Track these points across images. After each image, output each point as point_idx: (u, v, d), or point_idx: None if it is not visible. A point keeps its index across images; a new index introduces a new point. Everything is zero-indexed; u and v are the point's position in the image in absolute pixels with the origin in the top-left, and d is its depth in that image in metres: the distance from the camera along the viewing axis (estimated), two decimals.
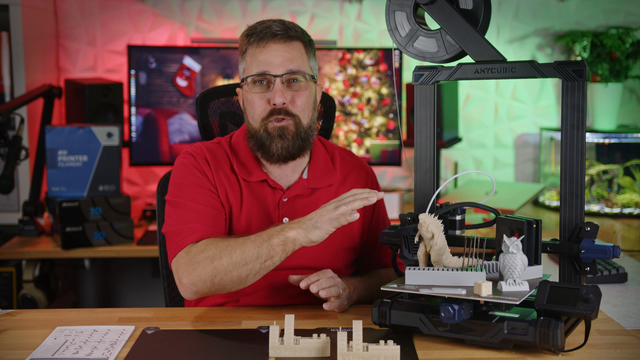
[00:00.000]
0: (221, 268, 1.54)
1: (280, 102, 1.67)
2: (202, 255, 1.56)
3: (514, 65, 1.48)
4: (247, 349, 1.40)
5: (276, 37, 1.69)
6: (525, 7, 3.40)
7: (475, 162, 3.47)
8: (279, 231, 1.53)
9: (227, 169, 1.75)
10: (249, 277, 1.55)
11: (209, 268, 1.55)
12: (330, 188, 1.79)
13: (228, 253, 1.54)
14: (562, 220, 1.47)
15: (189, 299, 1.62)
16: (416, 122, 1.61)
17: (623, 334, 1.48)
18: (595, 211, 3.15)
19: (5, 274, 2.73)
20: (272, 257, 1.53)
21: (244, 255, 1.53)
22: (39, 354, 1.37)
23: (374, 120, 3.15)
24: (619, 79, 3.26)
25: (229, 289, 1.58)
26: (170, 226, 1.67)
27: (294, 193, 1.75)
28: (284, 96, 1.67)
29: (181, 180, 1.72)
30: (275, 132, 1.68)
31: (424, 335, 1.42)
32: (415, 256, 1.52)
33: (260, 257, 1.53)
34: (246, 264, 1.53)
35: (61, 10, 3.28)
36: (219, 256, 1.54)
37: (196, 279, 1.56)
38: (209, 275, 1.55)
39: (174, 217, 1.68)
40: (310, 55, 1.75)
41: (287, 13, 3.33)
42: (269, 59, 1.68)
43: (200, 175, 1.72)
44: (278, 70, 1.68)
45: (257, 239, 1.54)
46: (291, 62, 1.69)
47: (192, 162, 1.73)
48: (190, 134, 3.07)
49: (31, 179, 2.85)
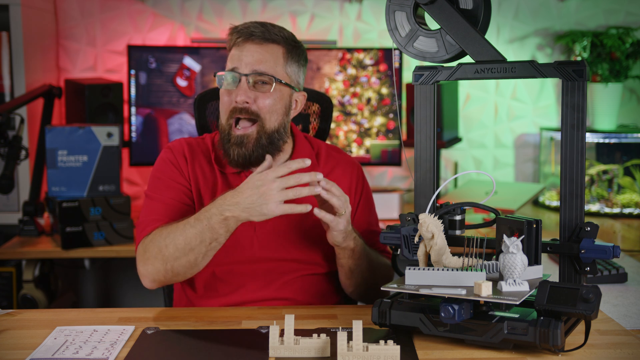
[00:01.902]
0: (169, 256, 1.58)
1: (242, 101, 1.69)
2: (152, 244, 1.61)
3: (514, 65, 1.48)
4: (247, 349, 1.40)
5: (252, 37, 1.71)
6: (525, 7, 3.40)
7: (475, 162, 3.47)
8: (217, 214, 1.53)
9: (204, 162, 1.78)
10: (198, 260, 1.58)
11: (159, 257, 1.59)
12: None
13: (172, 240, 1.57)
14: (562, 220, 1.47)
15: (150, 288, 1.66)
16: (416, 122, 1.61)
17: (623, 334, 1.48)
18: (595, 211, 3.15)
19: (5, 274, 2.73)
20: (216, 239, 1.56)
21: (187, 240, 1.56)
22: (39, 354, 1.37)
23: (374, 120, 3.15)
24: (619, 79, 3.26)
25: (183, 275, 1.62)
26: (139, 218, 1.73)
27: None
28: (246, 95, 1.69)
29: (157, 174, 1.77)
30: (235, 140, 1.71)
31: (424, 335, 1.42)
32: (415, 256, 1.52)
33: (204, 240, 1.55)
34: (192, 249, 1.56)
35: (61, 10, 3.28)
36: (165, 244, 1.58)
37: (151, 268, 1.61)
38: (160, 264, 1.60)
39: (145, 210, 1.73)
40: (290, 61, 1.74)
41: (287, 13, 3.33)
42: (241, 57, 1.71)
43: (174, 170, 1.76)
44: (245, 69, 1.70)
45: (197, 224, 1.55)
46: (260, 64, 1.70)
47: (169, 157, 1.78)
48: (190, 134, 3.07)
49: (31, 179, 2.85)
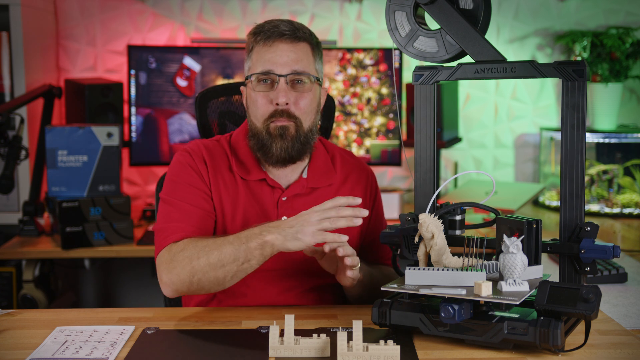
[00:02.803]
0: (199, 268, 1.54)
1: (283, 102, 1.66)
2: (182, 254, 1.56)
3: (514, 65, 1.48)
4: (247, 349, 1.40)
5: (283, 37, 1.67)
6: (525, 7, 3.40)
7: (475, 162, 3.47)
8: (257, 234, 1.51)
9: (224, 168, 1.74)
10: (227, 278, 1.55)
11: (187, 268, 1.55)
12: (330, 187, 1.79)
13: (206, 254, 1.53)
14: (562, 220, 1.47)
15: (170, 296, 1.63)
16: (416, 122, 1.61)
17: (623, 334, 1.48)
18: (595, 211, 3.15)
19: (5, 274, 2.73)
20: (249, 260, 1.52)
21: (221, 257, 1.52)
22: (39, 354, 1.37)
23: (374, 120, 3.15)
24: (619, 79, 3.26)
25: (207, 290, 1.58)
26: (158, 224, 1.68)
27: (294, 192, 1.74)
28: (287, 96, 1.67)
29: (175, 179, 1.72)
30: (277, 131, 1.67)
31: (424, 335, 1.42)
32: (415, 256, 1.52)
33: (238, 259, 1.51)
34: (223, 266, 1.52)
35: (61, 10, 3.28)
36: (197, 256, 1.54)
37: (175, 278, 1.57)
38: (187, 275, 1.55)
39: (163, 215, 1.69)
40: (317, 58, 1.74)
41: (287, 13, 3.33)
42: (274, 58, 1.67)
43: (195, 175, 1.71)
44: (283, 70, 1.67)
45: (236, 241, 1.52)
46: (297, 63, 1.68)
47: (188, 161, 1.73)
48: (190, 134, 3.07)
49: (31, 179, 2.85)
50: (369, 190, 1.84)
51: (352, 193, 1.79)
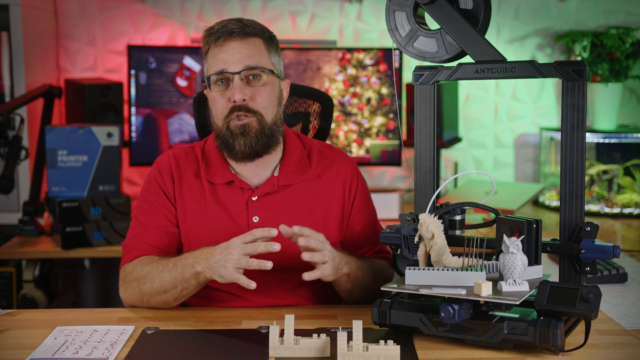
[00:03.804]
0: (145, 292, 1.65)
1: (240, 99, 1.68)
2: (131, 276, 1.69)
3: (514, 65, 1.48)
4: (247, 349, 1.40)
5: (233, 35, 1.69)
6: (525, 7, 3.40)
7: (475, 162, 3.47)
8: (190, 265, 1.59)
9: (192, 177, 1.79)
10: (170, 301, 1.66)
11: (136, 290, 1.67)
12: (303, 184, 1.78)
13: (150, 280, 1.64)
14: (562, 220, 1.47)
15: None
16: (416, 122, 1.61)
17: (623, 334, 1.48)
18: (595, 211, 3.15)
19: (5, 274, 2.73)
20: (187, 288, 1.61)
21: (162, 284, 1.63)
22: (39, 354, 1.37)
23: (374, 120, 3.15)
24: (619, 79, 3.26)
25: (159, 307, 1.69)
26: (127, 237, 1.80)
27: (264, 191, 1.75)
28: (243, 93, 1.68)
29: (144, 194, 1.81)
30: (237, 130, 1.70)
31: (424, 335, 1.42)
32: (415, 256, 1.52)
33: (176, 287, 1.61)
34: (165, 292, 1.63)
35: (61, 10, 3.28)
36: (143, 281, 1.66)
37: (128, 296, 1.70)
38: (137, 297, 1.68)
39: (131, 230, 1.80)
40: (272, 51, 1.75)
41: (287, 13, 3.33)
42: (226, 57, 1.69)
43: (159, 191, 1.78)
44: (236, 67, 1.68)
45: (174, 269, 1.62)
46: (249, 58, 1.69)
47: (155, 177, 1.80)
48: (190, 134, 3.07)
49: (31, 179, 2.85)
50: (348, 182, 1.82)
51: (325, 188, 1.79)
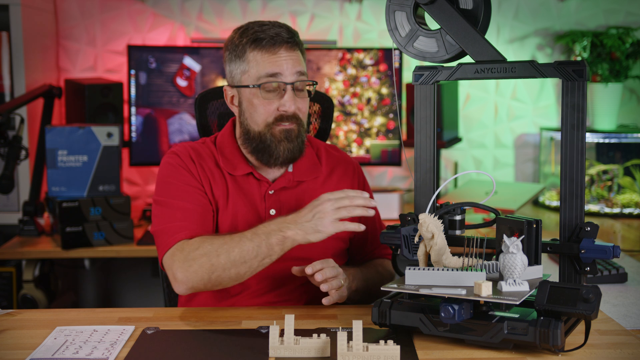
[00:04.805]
0: (219, 265, 1.56)
1: (292, 110, 1.69)
2: (198, 252, 1.57)
3: (514, 65, 1.48)
4: (247, 349, 1.40)
5: (287, 44, 1.68)
6: (525, 7, 3.40)
7: (475, 162, 3.47)
8: (277, 230, 1.55)
9: (212, 165, 1.76)
10: (247, 274, 1.58)
11: (206, 265, 1.56)
12: (317, 180, 1.81)
13: (226, 251, 1.56)
14: (562, 220, 1.47)
15: (183, 294, 1.63)
16: (416, 122, 1.61)
17: (623, 334, 1.48)
18: (595, 211, 3.15)
19: (5, 274, 2.73)
20: (270, 256, 1.57)
21: (242, 253, 1.55)
22: (39, 354, 1.37)
23: (374, 120, 3.15)
24: (619, 79, 3.26)
25: (225, 285, 1.61)
26: (158, 225, 1.68)
27: (280, 185, 1.77)
28: (295, 104, 1.69)
29: (168, 180, 1.73)
30: (283, 135, 1.69)
31: (424, 335, 1.42)
32: (415, 256, 1.52)
33: (259, 255, 1.55)
34: (244, 262, 1.56)
35: (61, 10, 3.28)
36: (216, 254, 1.56)
37: (192, 275, 1.57)
38: (206, 272, 1.56)
39: (162, 216, 1.69)
40: (305, 62, 1.76)
41: (287, 13, 3.33)
42: (280, 64, 1.68)
43: (187, 174, 1.73)
44: (289, 77, 1.68)
45: (255, 238, 1.55)
46: (298, 68, 1.70)
47: (177, 161, 1.74)
48: (190, 134, 3.07)
49: (31, 179, 2.85)
50: (356, 183, 1.86)
51: (339, 185, 1.81)
